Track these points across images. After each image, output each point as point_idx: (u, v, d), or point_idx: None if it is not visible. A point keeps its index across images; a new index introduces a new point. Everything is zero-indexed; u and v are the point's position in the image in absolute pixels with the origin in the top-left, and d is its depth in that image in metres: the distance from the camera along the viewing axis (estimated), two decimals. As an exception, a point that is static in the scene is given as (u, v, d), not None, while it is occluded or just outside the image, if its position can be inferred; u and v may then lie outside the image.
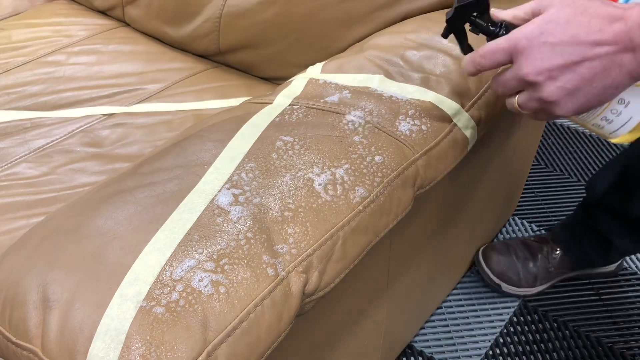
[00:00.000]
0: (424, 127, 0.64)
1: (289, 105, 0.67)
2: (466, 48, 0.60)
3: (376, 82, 0.70)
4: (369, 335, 0.88)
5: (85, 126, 0.92)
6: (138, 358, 0.42)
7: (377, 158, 0.59)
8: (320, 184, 0.55)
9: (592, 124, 0.58)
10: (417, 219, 0.81)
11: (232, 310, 0.45)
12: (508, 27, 0.55)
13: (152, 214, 0.51)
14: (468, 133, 0.68)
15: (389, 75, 0.70)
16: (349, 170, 0.57)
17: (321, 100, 0.67)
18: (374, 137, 0.61)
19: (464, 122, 0.68)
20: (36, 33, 1.15)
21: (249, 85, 1.04)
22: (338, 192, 0.55)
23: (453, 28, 0.58)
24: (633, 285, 1.24)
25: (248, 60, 1.05)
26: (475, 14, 0.56)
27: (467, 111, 0.68)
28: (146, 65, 1.06)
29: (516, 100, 0.52)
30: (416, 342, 1.12)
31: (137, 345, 0.42)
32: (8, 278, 0.50)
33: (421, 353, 1.10)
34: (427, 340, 1.12)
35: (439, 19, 0.85)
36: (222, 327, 0.44)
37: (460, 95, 0.69)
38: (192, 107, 0.96)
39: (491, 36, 0.56)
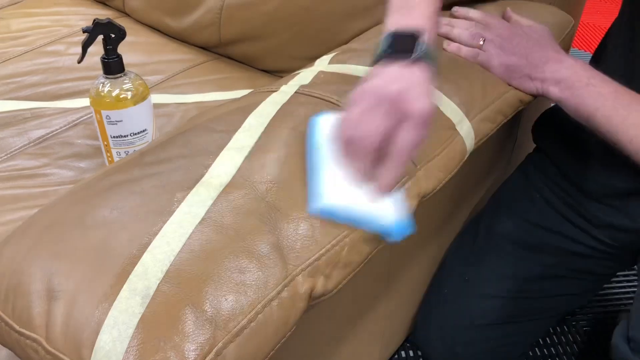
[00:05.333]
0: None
1: (295, 92, 0.66)
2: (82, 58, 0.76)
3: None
4: (369, 329, 0.88)
5: (85, 117, 0.91)
6: (145, 354, 0.41)
7: None
8: None
9: None
10: (416, 220, 0.81)
11: (241, 311, 0.45)
12: None
13: (159, 205, 0.51)
14: (467, 143, 0.68)
15: None
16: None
17: (329, 93, 0.66)
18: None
19: (466, 132, 0.68)
20: (35, 22, 1.14)
21: (250, 78, 1.03)
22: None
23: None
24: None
25: (249, 52, 1.05)
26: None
27: (470, 121, 0.68)
28: (147, 57, 1.05)
29: None
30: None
31: (144, 342, 0.42)
32: (11, 265, 0.49)
33: (419, 347, 1.10)
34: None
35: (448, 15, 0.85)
36: (231, 326, 0.44)
37: (465, 103, 0.69)
38: (194, 100, 0.96)
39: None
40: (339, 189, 0.53)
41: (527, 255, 0.92)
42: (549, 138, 0.96)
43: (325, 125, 0.58)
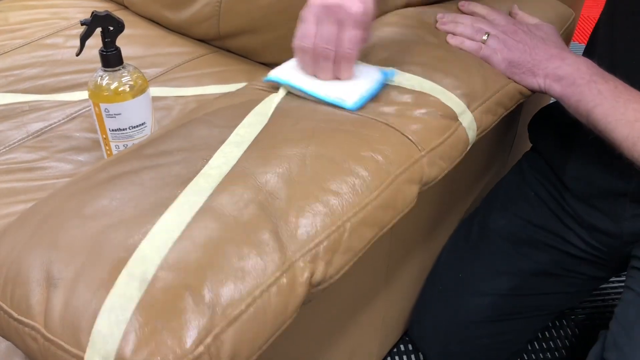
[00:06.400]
0: (431, 124, 0.64)
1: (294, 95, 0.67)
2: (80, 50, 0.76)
3: (388, 73, 0.69)
4: (368, 323, 0.88)
5: (84, 110, 0.91)
6: (143, 338, 0.41)
7: (385, 153, 0.59)
8: (328, 177, 0.55)
9: None
10: (417, 211, 0.81)
11: (240, 296, 0.45)
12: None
13: (158, 196, 0.51)
14: (470, 134, 0.68)
15: (400, 68, 0.70)
16: (357, 165, 0.57)
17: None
18: (382, 132, 0.61)
19: (468, 123, 0.68)
20: (33, 15, 1.14)
21: (249, 71, 1.03)
22: (346, 185, 0.55)
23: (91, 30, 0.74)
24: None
25: (248, 45, 1.05)
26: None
27: (472, 112, 0.69)
28: (145, 49, 1.05)
29: None
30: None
31: (142, 326, 0.42)
32: (10, 255, 0.49)
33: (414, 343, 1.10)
34: (424, 328, 1.12)
35: (451, 7, 0.85)
36: (230, 312, 0.44)
37: (467, 95, 0.69)
38: (193, 93, 0.96)
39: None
40: (345, 89, 0.66)
41: (520, 252, 0.92)
42: (543, 136, 0.96)
43: (281, 71, 0.69)
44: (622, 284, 1.21)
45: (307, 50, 0.65)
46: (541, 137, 0.96)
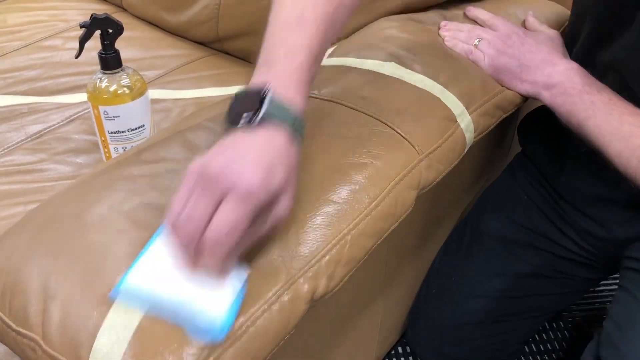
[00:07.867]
0: (430, 124, 0.64)
1: None
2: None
3: (389, 68, 0.69)
4: (366, 327, 0.88)
5: (83, 112, 0.91)
6: (144, 358, 0.41)
7: (384, 158, 0.58)
8: (327, 186, 0.55)
9: None
10: (414, 218, 0.81)
11: (241, 315, 0.45)
12: None
13: (158, 204, 0.51)
14: (467, 136, 0.68)
15: (401, 63, 0.70)
16: (357, 173, 0.56)
17: (324, 90, 0.66)
18: (380, 134, 0.61)
19: (466, 125, 0.68)
20: (32, 17, 1.14)
21: (248, 73, 1.01)
22: (346, 194, 0.54)
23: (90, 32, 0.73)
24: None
25: (247, 47, 1.04)
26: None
27: (470, 114, 0.68)
28: (144, 52, 1.05)
29: None
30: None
31: (144, 345, 0.42)
32: (8, 262, 0.49)
33: (410, 346, 1.11)
34: (422, 330, 1.13)
35: (445, 13, 0.85)
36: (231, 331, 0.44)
37: (466, 97, 0.69)
38: (192, 95, 0.96)
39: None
40: (154, 270, 0.45)
41: (512, 254, 0.93)
42: (532, 141, 0.96)
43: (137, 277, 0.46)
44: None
45: (169, 225, 0.45)
46: (530, 142, 0.96)
